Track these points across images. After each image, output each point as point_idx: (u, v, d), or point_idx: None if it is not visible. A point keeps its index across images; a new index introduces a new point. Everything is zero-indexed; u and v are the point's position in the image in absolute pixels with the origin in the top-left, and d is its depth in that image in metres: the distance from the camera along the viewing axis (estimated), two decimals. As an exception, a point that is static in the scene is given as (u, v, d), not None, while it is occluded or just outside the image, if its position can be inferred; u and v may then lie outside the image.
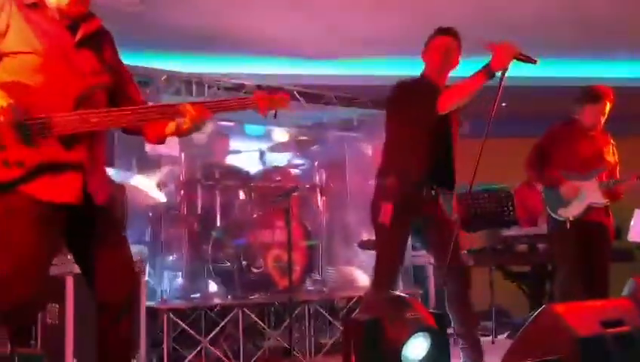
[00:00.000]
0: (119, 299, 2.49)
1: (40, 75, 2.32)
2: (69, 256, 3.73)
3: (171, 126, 2.56)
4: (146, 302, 4.31)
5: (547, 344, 2.67)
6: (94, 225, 2.45)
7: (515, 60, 3.14)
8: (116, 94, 2.55)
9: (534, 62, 3.17)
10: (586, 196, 4.27)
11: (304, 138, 6.42)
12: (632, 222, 5.67)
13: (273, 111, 2.60)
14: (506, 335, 5.63)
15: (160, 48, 6.16)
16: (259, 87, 5.23)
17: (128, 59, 2.77)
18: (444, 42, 3.55)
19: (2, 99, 2.21)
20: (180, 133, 2.56)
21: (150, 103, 2.68)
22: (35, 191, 2.28)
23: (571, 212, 4.28)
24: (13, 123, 2.23)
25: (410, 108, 3.45)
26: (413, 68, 3.68)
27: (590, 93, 4.33)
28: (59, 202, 2.32)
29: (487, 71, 3.21)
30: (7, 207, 2.28)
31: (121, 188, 4.50)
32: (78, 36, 2.42)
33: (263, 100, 2.58)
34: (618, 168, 4.49)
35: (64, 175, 2.33)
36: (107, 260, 2.46)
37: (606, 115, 4.34)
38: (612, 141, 4.49)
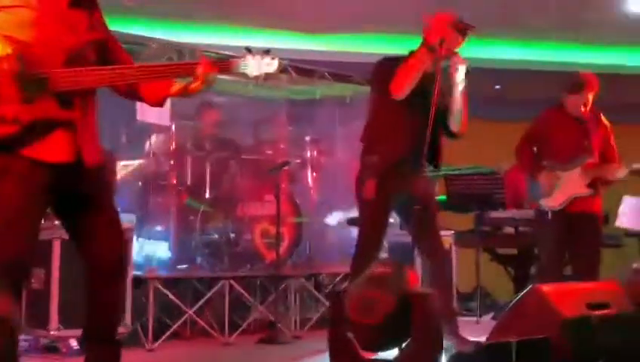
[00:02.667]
0: (110, 262, 2.49)
1: (33, 30, 2.30)
2: (56, 222, 3.71)
3: (177, 85, 2.54)
4: (132, 271, 4.31)
5: (532, 323, 2.69)
6: (84, 187, 2.43)
7: (453, 29, 3.12)
8: (105, 54, 2.52)
9: (473, 27, 3.14)
10: (566, 186, 4.21)
11: (296, 113, 6.39)
12: (620, 209, 5.71)
13: (262, 75, 2.57)
14: (490, 316, 5.67)
15: (151, 16, 6.09)
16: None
17: (120, 26, 2.75)
18: None
19: (6, 46, 2.19)
20: (187, 92, 2.52)
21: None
22: (28, 148, 2.27)
23: (553, 202, 4.24)
24: (17, 73, 2.20)
25: (388, 86, 3.42)
26: (410, 46, 3.64)
27: (571, 82, 4.27)
28: (51, 161, 2.30)
29: (426, 45, 3.19)
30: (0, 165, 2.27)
31: (111, 155, 4.48)
32: None
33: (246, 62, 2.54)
34: (613, 151, 4.35)
35: (57, 133, 2.32)
36: (97, 223, 2.45)
37: (589, 103, 4.23)
38: (606, 123, 4.35)
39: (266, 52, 2.53)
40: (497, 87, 7.68)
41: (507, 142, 4.57)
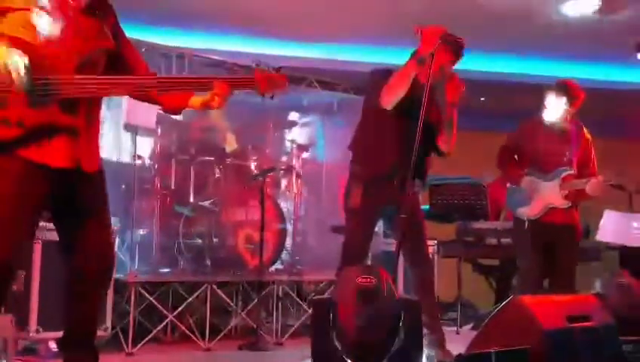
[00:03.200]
0: (99, 269, 2.49)
1: (43, 33, 2.28)
2: (40, 223, 3.68)
3: (196, 99, 2.56)
4: (114, 274, 4.27)
5: (513, 334, 2.70)
6: (82, 194, 2.42)
7: (442, 41, 3.15)
8: (118, 62, 2.53)
9: (461, 41, 3.18)
10: (543, 196, 4.21)
11: (282, 119, 6.39)
12: (601, 222, 5.75)
13: (271, 94, 2.58)
14: (470, 326, 5.69)
15: (142, 20, 6.06)
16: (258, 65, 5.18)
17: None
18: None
19: (15, 54, 2.17)
20: (204, 107, 2.56)
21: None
22: (29, 152, 2.25)
23: (530, 212, 4.24)
24: (23, 79, 2.18)
25: (377, 98, 3.44)
26: (398, 56, 3.66)
27: (555, 85, 4.29)
28: (51, 165, 2.29)
29: (417, 56, 3.23)
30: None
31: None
32: (85, 0, 2.40)
33: (264, 81, 2.55)
34: (593, 166, 4.35)
35: (59, 138, 2.30)
36: (91, 229, 2.44)
37: (570, 110, 4.23)
38: (588, 137, 4.36)
39: (277, 69, 2.55)
40: (482, 99, 7.74)
41: (492, 154, 4.59)
